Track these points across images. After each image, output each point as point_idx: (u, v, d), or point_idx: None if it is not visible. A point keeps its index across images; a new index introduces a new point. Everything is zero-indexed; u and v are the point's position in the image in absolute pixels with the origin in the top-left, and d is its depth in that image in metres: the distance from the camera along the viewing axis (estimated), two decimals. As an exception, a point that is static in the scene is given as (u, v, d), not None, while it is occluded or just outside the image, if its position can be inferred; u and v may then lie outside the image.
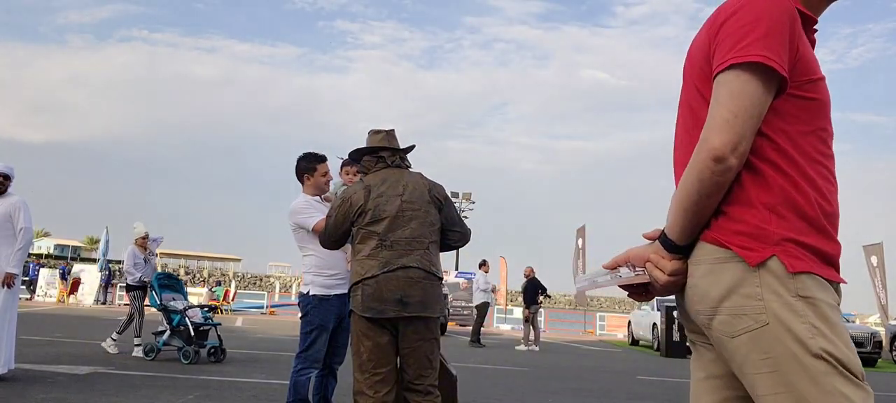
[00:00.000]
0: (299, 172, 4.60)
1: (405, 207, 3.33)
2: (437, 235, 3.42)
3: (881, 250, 22.39)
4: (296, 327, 4.90)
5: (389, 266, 3.23)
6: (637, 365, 12.74)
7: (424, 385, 3.26)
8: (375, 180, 3.41)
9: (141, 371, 7.19)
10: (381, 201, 3.32)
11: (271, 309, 28.33)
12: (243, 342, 12.11)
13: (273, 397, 6.13)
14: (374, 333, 3.25)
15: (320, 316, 4.28)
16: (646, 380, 9.93)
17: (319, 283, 4.30)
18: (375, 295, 3.22)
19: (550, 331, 25.90)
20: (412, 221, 3.31)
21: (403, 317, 3.22)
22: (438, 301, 3.33)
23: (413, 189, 3.39)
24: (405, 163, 3.59)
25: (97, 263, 28.17)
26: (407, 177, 3.45)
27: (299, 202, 4.46)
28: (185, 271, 78.47)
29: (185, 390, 6.16)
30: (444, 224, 3.48)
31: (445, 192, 3.56)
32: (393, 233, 3.27)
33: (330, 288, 4.30)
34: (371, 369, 3.25)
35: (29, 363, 7.29)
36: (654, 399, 7.76)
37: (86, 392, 5.74)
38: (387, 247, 3.26)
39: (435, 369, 3.32)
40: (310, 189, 4.56)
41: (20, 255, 6.09)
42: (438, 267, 3.40)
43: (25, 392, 5.50)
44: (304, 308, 4.34)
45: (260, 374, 7.67)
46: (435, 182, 3.54)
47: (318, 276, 4.31)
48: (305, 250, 4.39)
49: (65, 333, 11.45)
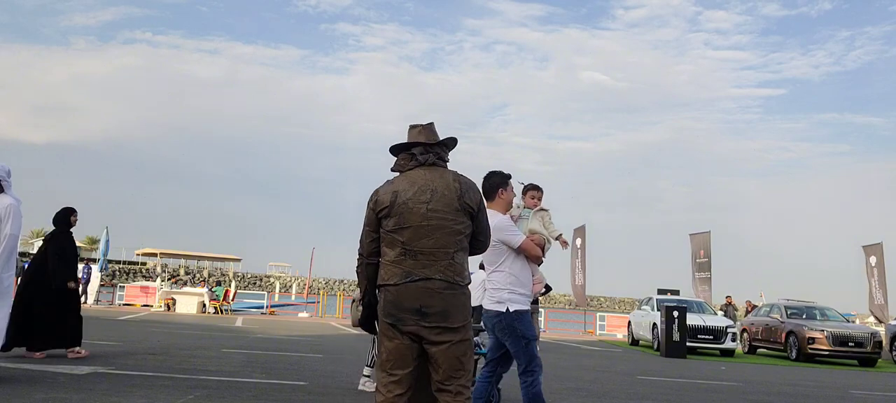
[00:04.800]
0: (494, 187, 4.60)
1: (430, 216, 3.23)
2: (463, 243, 3.31)
3: (881, 250, 22.40)
4: (296, 327, 4.90)
5: (412, 276, 3.18)
6: (637, 365, 12.74)
7: (455, 386, 3.21)
8: (404, 184, 3.31)
9: (141, 371, 7.19)
10: (406, 209, 3.24)
11: (271, 309, 28.34)
12: (243, 342, 12.11)
13: (273, 397, 6.13)
14: (394, 335, 3.22)
15: (530, 329, 4.53)
16: (646, 380, 9.93)
17: (516, 300, 4.51)
18: (395, 303, 3.19)
19: (550, 331, 25.89)
20: (437, 231, 3.22)
21: (422, 326, 3.17)
22: (463, 309, 3.25)
23: (442, 195, 3.27)
24: (442, 160, 3.44)
25: (97, 263, 28.16)
26: (437, 181, 3.31)
27: (504, 220, 4.56)
28: (185, 271, 78.47)
29: (184, 390, 6.16)
30: (473, 230, 3.38)
31: (480, 198, 3.41)
32: (417, 243, 3.21)
33: (523, 304, 4.55)
34: (388, 369, 3.23)
35: (29, 363, 7.28)
36: (654, 399, 7.77)
37: (86, 392, 5.74)
38: (411, 257, 3.20)
39: (467, 371, 3.26)
40: (500, 205, 4.59)
41: (1, 262, 5.99)
42: (464, 274, 3.30)
43: (25, 392, 5.51)
44: (510, 325, 4.49)
45: (260, 374, 7.67)
46: (470, 185, 3.38)
47: (514, 294, 4.51)
48: (500, 267, 4.55)
49: (65, 333, 11.43)
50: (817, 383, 11.36)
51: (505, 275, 4.52)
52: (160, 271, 66.50)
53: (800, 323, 17.21)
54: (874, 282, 22.41)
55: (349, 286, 74.51)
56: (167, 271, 67.79)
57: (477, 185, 3.45)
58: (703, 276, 23.88)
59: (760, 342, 18.73)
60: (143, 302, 25.08)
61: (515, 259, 4.55)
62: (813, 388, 10.37)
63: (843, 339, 16.37)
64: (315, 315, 27.28)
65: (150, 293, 25.54)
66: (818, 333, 16.50)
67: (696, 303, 18.84)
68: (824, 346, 16.29)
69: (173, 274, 58.34)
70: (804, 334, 16.61)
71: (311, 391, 6.67)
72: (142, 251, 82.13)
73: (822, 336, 16.38)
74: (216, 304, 23.58)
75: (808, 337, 16.50)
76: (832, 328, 16.65)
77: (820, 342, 16.35)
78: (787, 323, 17.51)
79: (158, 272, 63.85)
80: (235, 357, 9.35)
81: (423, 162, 3.38)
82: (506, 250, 4.52)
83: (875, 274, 22.39)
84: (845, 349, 16.37)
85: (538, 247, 4.62)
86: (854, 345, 16.39)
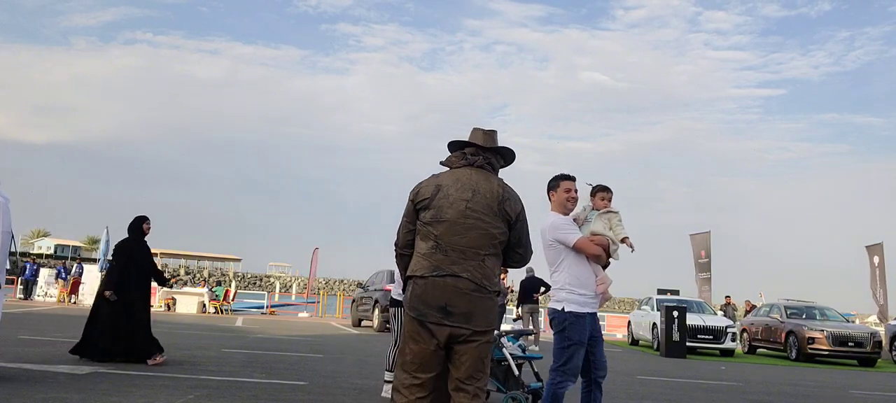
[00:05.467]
0: (546, 191, 4.67)
1: (469, 214, 3.22)
2: (496, 248, 3.29)
3: (881, 250, 22.40)
4: (296, 327, 4.90)
5: (440, 270, 3.17)
6: (637, 365, 12.73)
7: (474, 387, 3.20)
8: (448, 179, 3.32)
9: (141, 371, 7.19)
10: (445, 203, 3.24)
11: (271, 309, 28.34)
12: (243, 342, 12.11)
13: (273, 397, 6.13)
14: (422, 339, 3.19)
15: (578, 333, 4.44)
16: (646, 380, 9.93)
17: (573, 300, 4.44)
18: (422, 297, 3.18)
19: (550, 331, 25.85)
20: (472, 230, 3.21)
21: (446, 325, 3.15)
22: (487, 314, 3.21)
23: (483, 196, 3.25)
24: (492, 165, 3.43)
25: (97, 263, 28.16)
26: (481, 183, 3.30)
27: (559, 219, 4.56)
28: (185, 271, 78.45)
29: (184, 390, 6.16)
30: (510, 241, 3.35)
31: (520, 208, 3.38)
32: (450, 239, 3.20)
33: (582, 305, 4.46)
34: (412, 371, 3.21)
35: (29, 363, 7.28)
36: (654, 399, 7.77)
37: (86, 392, 5.74)
38: (441, 252, 3.20)
39: (486, 373, 3.26)
40: (555, 206, 4.61)
41: None
42: (492, 280, 3.26)
43: (25, 392, 5.51)
44: (559, 323, 4.48)
45: (260, 374, 7.67)
46: (513, 194, 3.37)
47: (572, 294, 4.45)
48: (559, 266, 4.53)
49: (65, 333, 11.45)
50: (817, 383, 11.36)
51: (564, 275, 4.50)
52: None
53: (800, 323, 17.20)
54: (876, 282, 22.41)
55: (349, 286, 74.44)
56: (167, 271, 67.78)
57: (521, 197, 3.43)
58: (704, 277, 23.90)
59: (760, 342, 18.73)
60: (143, 302, 25.03)
61: (576, 259, 4.49)
62: (813, 388, 10.38)
63: (842, 339, 16.37)
64: (315, 315, 27.28)
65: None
66: (818, 333, 16.49)
67: (696, 303, 18.83)
68: (824, 346, 16.29)
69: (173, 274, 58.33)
70: (804, 334, 16.61)
71: (311, 391, 6.67)
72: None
73: (822, 336, 16.38)
74: (216, 304, 23.58)
75: (808, 337, 16.50)
76: (832, 328, 16.65)
77: (820, 342, 16.35)
78: (787, 323, 17.50)
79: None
80: (235, 357, 9.35)
81: (472, 162, 3.40)
82: (564, 249, 4.48)
83: (877, 275, 22.39)
84: (845, 349, 16.36)
85: (598, 247, 4.53)
86: (854, 345, 16.39)
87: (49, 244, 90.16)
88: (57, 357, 7.83)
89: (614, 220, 4.74)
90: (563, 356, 4.45)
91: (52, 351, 8.46)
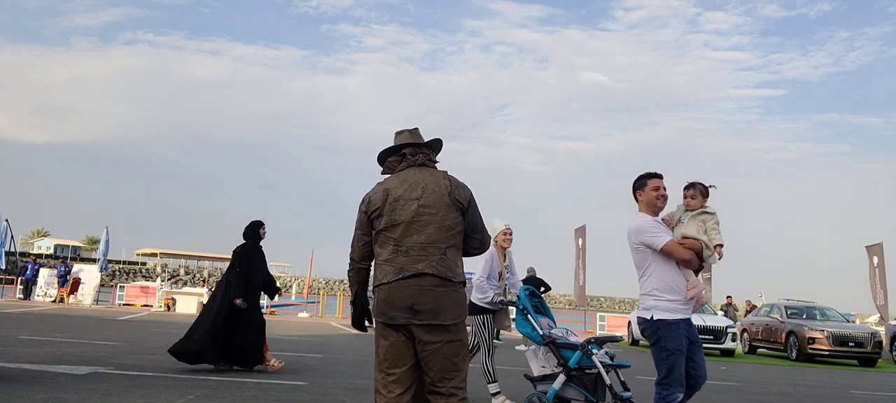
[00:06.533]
0: (632, 190, 4.44)
1: (422, 212, 3.24)
2: (457, 238, 3.31)
3: (881, 250, 22.38)
4: (296, 327, 4.89)
5: (404, 272, 3.18)
6: (637, 365, 12.72)
7: (447, 388, 3.19)
8: (395, 182, 3.33)
9: (141, 371, 7.19)
10: (397, 205, 3.25)
11: (271, 309, 28.29)
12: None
13: (273, 397, 6.13)
14: (389, 333, 3.22)
15: (674, 341, 4.18)
16: (646, 380, 9.91)
17: (663, 308, 4.19)
18: (387, 301, 3.20)
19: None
20: (428, 226, 3.23)
21: (414, 324, 3.17)
22: (455, 307, 3.22)
23: (433, 191, 3.29)
24: (431, 161, 3.47)
25: (97, 263, 28.15)
26: (428, 179, 3.34)
27: (646, 221, 4.30)
28: (185, 271, 78.46)
29: (184, 389, 6.16)
30: (466, 229, 3.37)
31: (470, 195, 3.41)
32: (408, 239, 3.21)
33: (673, 312, 4.19)
34: (386, 369, 3.22)
35: (29, 363, 7.28)
36: (654, 399, 7.75)
37: (86, 392, 5.73)
38: (402, 253, 3.21)
39: (460, 371, 3.24)
40: (644, 207, 4.38)
41: None
42: (457, 271, 3.28)
43: (25, 392, 5.50)
44: (653, 334, 4.24)
45: (260, 374, 7.67)
46: (460, 183, 3.41)
47: (660, 300, 4.21)
48: (647, 271, 4.27)
49: (65, 333, 11.45)
50: (817, 383, 11.35)
51: (652, 280, 4.23)
52: (160, 271, 66.46)
53: (800, 323, 17.20)
54: (875, 282, 22.40)
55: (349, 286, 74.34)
56: (167, 271, 67.77)
57: (467, 184, 3.46)
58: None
59: (760, 342, 18.72)
60: (143, 302, 25.07)
61: (664, 263, 4.22)
62: (813, 388, 10.37)
63: (843, 339, 16.37)
64: (315, 315, 27.28)
65: (150, 293, 25.54)
66: (818, 333, 16.49)
67: (697, 303, 18.82)
68: (824, 346, 16.29)
69: (173, 274, 58.33)
70: (804, 334, 16.61)
71: (311, 391, 6.67)
72: (142, 251, 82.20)
73: (822, 336, 16.38)
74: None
75: (809, 337, 16.50)
76: (832, 328, 16.65)
77: (820, 342, 16.35)
78: (787, 323, 17.50)
79: (158, 272, 63.83)
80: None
81: (413, 162, 3.42)
82: (651, 253, 4.23)
83: (877, 275, 22.38)
84: (845, 349, 16.36)
85: (689, 251, 4.22)
86: (854, 345, 16.39)
87: (49, 244, 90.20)
88: (57, 357, 7.82)
89: (710, 223, 4.36)
90: (665, 367, 4.18)
91: (51, 351, 8.46)
